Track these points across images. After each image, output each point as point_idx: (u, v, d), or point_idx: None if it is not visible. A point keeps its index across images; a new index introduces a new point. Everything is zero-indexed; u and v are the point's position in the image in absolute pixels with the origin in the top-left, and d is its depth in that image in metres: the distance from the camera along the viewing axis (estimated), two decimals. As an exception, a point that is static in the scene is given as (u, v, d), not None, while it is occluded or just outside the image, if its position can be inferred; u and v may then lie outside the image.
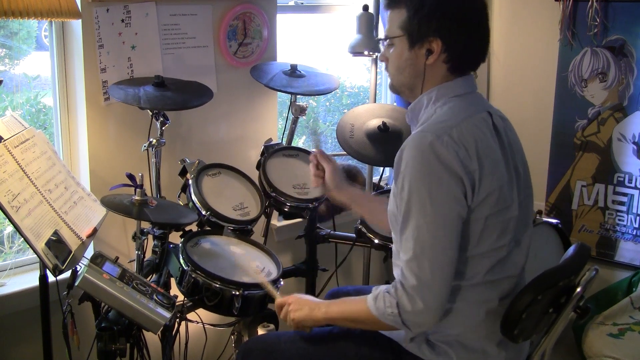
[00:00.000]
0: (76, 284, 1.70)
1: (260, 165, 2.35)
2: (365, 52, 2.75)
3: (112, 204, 1.91)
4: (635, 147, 2.96)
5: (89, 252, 1.87)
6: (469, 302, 1.54)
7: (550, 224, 2.33)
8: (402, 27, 1.57)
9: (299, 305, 1.68)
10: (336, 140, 2.54)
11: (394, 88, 1.68)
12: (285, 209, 2.33)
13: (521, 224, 1.57)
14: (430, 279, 1.44)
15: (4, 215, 1.65)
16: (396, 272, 1.66)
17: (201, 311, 2.05)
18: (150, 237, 2.07)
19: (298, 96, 2.55)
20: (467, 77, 1.61)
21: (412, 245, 1.45)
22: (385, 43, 1.64)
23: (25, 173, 1.76)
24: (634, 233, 3.01)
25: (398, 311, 1.47)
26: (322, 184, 1.94)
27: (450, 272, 1.47)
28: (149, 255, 2.14)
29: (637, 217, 3.00)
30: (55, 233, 1.73)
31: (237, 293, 1.88)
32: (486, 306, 1.56)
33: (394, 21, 1.59)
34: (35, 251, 1.67)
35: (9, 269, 2.23)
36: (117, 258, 1.80)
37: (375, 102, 2.97)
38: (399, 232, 1.51)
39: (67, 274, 1.76)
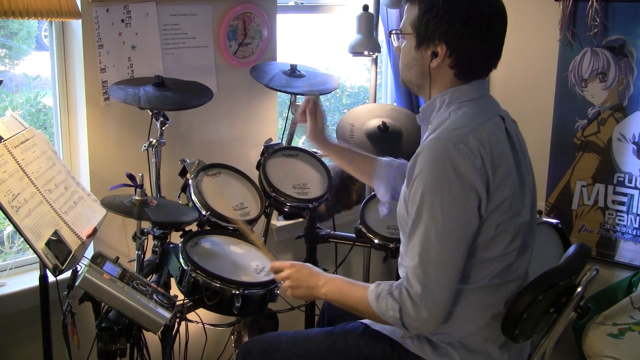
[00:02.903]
0: (76, 284, 1.69)
1: (260, 165, 2.35)
2: (365, 52, 2.75)
3: (112, 205, 1.91)
4: (635, 147, 2.96)
5: (89, 252, 1.87)
6: (473, 305, 1.54)
7: (550, 224, 2.33)
8: (412, 25, 1.56)
9: (297, 282, 1.68)
10: (336, 140, 2.54)
11: (403, 82, 1.68)
12: (285, 209, 2.33)
13: (529, 228, 1.57)
14: (434, 287, 1.43)
15: (4, 215, 1.65)
16: (401, 273, 1.66)
17: (201, 311, 2.05)
18: (150, 237, 2.07)
19: (298, 96, 2.55)
20: (481, 80, 1.59)
21: (418, 251, 1.45)
22: (399, 36, 1.63)
23: (25, 173, 1.76)
24: (634, 233, 3.01)
25: (400, 315, 1.47)
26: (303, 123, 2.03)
27: (455, 281, 1.47)
28: (149, 255, 2.14)
29: (637, 217, 3.00)
30: (55, 233, 1.73)
31: (237, 292, 1.87)
32: (492, 310, 1.55)
33: (408, 17, 1.58)
34: (35, 251, 1.67)
35: (9, 269, 2.23)
36: (117, 258, 1.80)
37: (375, 102, 2.97)
38: (407, 236, 1.50)
39: (67, 274, 1.76)
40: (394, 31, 1.67)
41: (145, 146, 2.14)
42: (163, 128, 2.14)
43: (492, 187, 1.45)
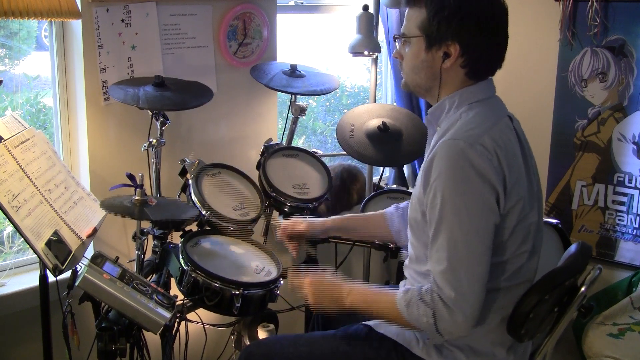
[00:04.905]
0: (76, 284, 1.69)
1: (260, 165, 2.35)
2: (365, 52, 2.75)
3: (113, 206, 1.90)
4: (635, 147, 2.96)
5: (89, 252, 1.88)
6: (483, 308, 1.50)
7: (550, 224, 2.33)
8: (421, 27, 1.54)
9: (319, 296, 1.64)
10: (336, 140, 2.54)
11: (407, 87, 1.65)
12: (285, 209, 2.32)
13: (538, 229, 1.56)
14: (467, 289, 1.42)
15: (4, 215, 1.65)
16: (408, 274, 1.65)
17: (201, 311, 2.05)
18: (150, 237, 2.07)
19: (298, 96, 2.55)
20: (488, 80, 1.59)
21: (446, 255, 1.43)
22: (401, 40, 1.61)
23: (25, 173, 1.76)
24: (634, 233, 3.01)
25: (434, 321, 1.44)
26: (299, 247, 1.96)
27: (485, 281, 1.44)
28: (149, 255, 2.14)
29: (637, 217, 3.00)
30: (55, 233, 1.73)
31: (237, 292, 1.88)
32: (500, 313, 1.54)
33: (413, 20, 1.56)
34: (35, 251, 1.67)
35: (9, 269, 2.23)
36: (117, 258, 1.80)
37: (375, 102, 2.97)
38: (430, 241, 1.47)
39: (67, 274, 1.76)
40: (397, 36, 1.64)
41: (145, 146, 2.14)
42: (163, 128, 2.14)
43: (508, 186, 1.45)
